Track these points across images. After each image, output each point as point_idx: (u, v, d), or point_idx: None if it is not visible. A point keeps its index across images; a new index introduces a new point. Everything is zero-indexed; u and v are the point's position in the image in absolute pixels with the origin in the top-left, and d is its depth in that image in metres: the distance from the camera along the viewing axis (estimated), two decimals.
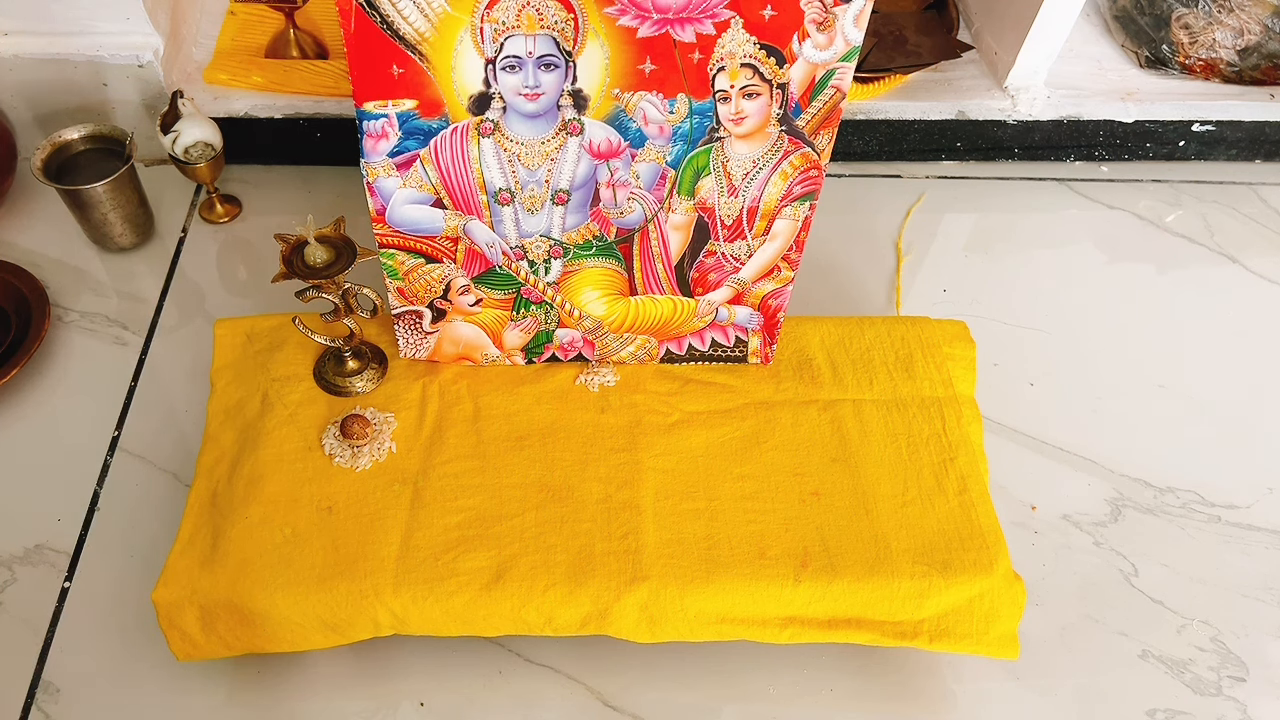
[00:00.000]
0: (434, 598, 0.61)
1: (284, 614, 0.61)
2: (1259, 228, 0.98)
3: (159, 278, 0.87)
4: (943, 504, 0.66)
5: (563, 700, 0.66)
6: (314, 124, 0.92)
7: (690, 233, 0.65)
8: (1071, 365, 0.86)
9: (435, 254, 0.66)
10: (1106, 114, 0.98)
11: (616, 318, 0.70)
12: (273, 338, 0.73)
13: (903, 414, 0.71)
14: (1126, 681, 0.69)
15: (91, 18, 0.86)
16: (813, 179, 0.63)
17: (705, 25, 0.55)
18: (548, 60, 0.56)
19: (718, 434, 0.70)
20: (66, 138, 0.83)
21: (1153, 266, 0.94)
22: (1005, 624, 0.64)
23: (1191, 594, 0.73)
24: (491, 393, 0.71)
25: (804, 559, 0.64)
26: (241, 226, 0.91)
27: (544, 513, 0.65)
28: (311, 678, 0.66)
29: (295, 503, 0.65)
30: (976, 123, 0.97)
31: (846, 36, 0.55)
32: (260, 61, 0.93)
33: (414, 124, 0.58)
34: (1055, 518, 0.76)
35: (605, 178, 0.62)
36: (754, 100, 0.58)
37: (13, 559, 0.70)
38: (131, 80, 0.89)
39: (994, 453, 0.73)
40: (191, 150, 0.84)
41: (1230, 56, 0.98)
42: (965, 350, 0.75)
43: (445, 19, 0.54)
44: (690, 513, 0.66)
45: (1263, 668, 0.70)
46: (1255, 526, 0.77)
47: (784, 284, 0.69)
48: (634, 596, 0.62)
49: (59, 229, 0.88)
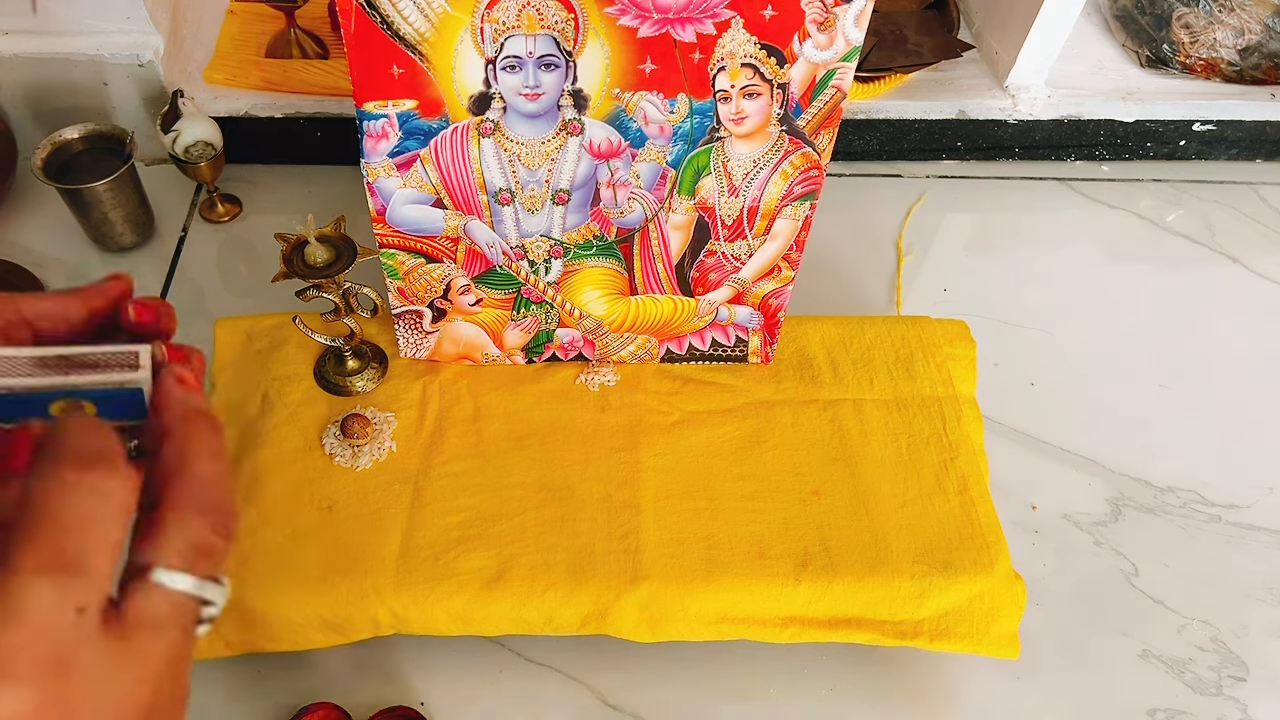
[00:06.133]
0: (434, 597, 0.61)
1: (284, 613, 0.61)
2: (1260, 227, 0.98)
3: (159, 277, 0.87)
4: (943, 503, 0.66)
5: (563, 700, 0.66)
6: (314, 123, 0.92)
7: (690, 232, 0.65)
8: (1071, 365, 0.86)
9: (435, 254, 0.66)
10: (1107, 113, 0.98)
11: (617, 317, 0.70)
12: (273, 337, 0.73)
13: (903, 414, 0.71)
14: (1126, 681, 0.69)
15: (91, 17, 0.85)
16: (813, 179, 0.63)
17: (706, 25, 0.55)
18: (548, 60, 0.56)
19: (718, 433, 0.70)
20: (66, 137, 0.83)
21: (1153, 266, 0.94)
22: (1006, 623, 0.64)
23: (1192, 594, 0.73)
24: (492, 392, 0.71)
25: (804, 558, 0.64)
26: (242, 226, 0.91)
27: (544, 512, 0.65)
28: (311, 677, 0.66)
29: (295, 502, 0.65)
30: (977, 122, 0.97)
31: (847, 36, 0.55)
32: (260, 61, 0.93)
33: (414, 124, 0.58)
34: (1055, 517, 0.76)
35: (605, 177, 0.62)
36: (754, 100, 0.58)
37: None
38: (132, 80, 0.89)
39: (994, 452, 0.73)
40: (192, 150, 0.84)
41: (1231, 56, 0.98)
42: (966, 350, 0.75)
43: (445, 19, 0.54)
44: (690, 512, 0.66)
45: (1263, 668, 0.69)
46: (1256, 526, 0.77)
47: (784, 284, 0.69)
48: (634, 596, 0.62)
49: (59, 228, 0.88)
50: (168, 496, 0.28)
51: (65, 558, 0.25)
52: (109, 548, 0.26)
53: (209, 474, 0.29)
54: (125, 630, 0.26)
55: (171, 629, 0.27)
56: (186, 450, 0.29)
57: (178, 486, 0.28)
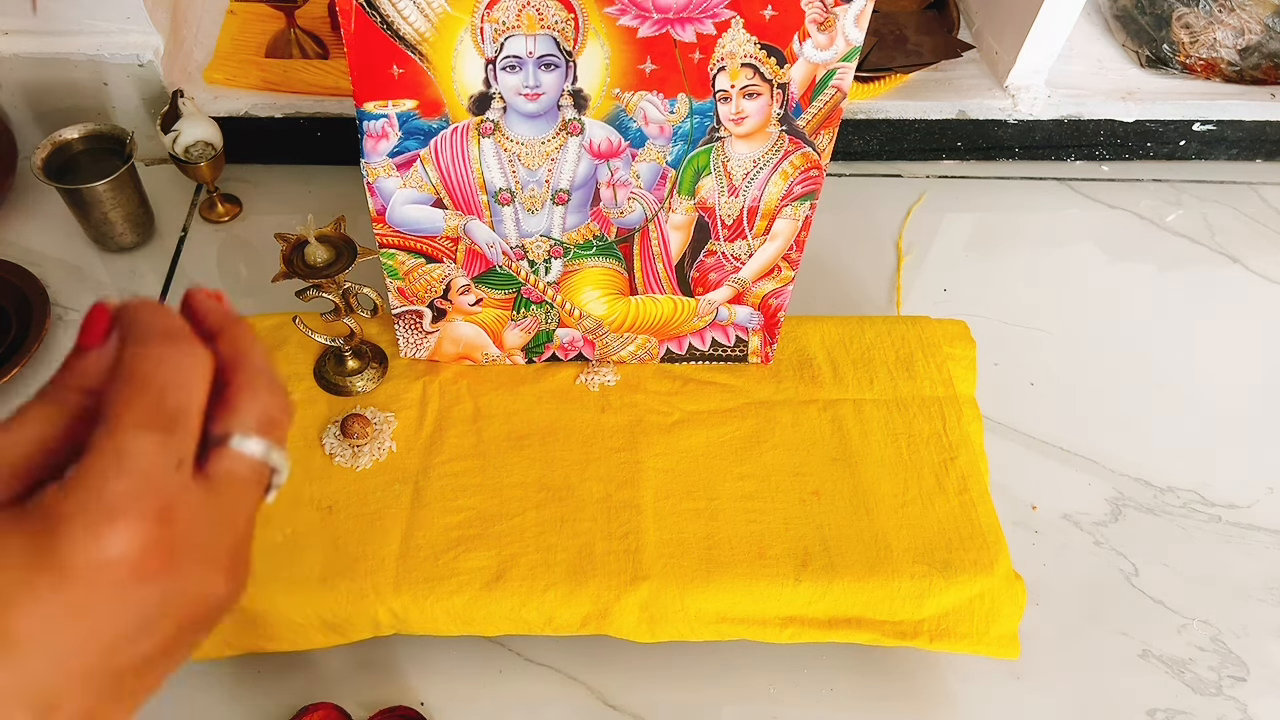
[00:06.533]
0: (434, 597, 0.61)
1: (284, 613, 0.61)
2: (1260, 227, 0.98)
3: (159, 277, 0.87)
4: (943, 503, 0.66)
5: (563, 700, 0.66)
6: (314, 123, 0.92)
7: (690, 232, 0.65)
8: (1071, 365, 0.86)
9: (435, 254, 0.66)
10: (1107, 113, 0.98)
11: (617, 317, 0.70)
12: (273, 337, 0.73)
13: (903, 413, 0.71)
14: (1126, 681, 0.69)
15: (91, 17, 0.86)
16: (813, 179, 0.63)
17: (706, 25, 0.55)
18: (548, 60, 0.56)
19: (718, 433, 0.70)
20: (66, 137, 0.83)
21: (1153, 266, 0.94)
22: (1006, 624, 0.64)
23: (1191, 594, 0.73)
24: (492, 392, 0.71)
25: (804, 558, 0.64)
26: (242, 226, 0.91)
27: (544, 512, 0.65)
28: (311, 677, 0.66)
29: (296, 502, 0.65)
30: (977, 122, 0.97)
31: (847, 36, 0.55)
32: (260, 61, 0.93)
33: (414, 124, 0.58)
34: (1055, 517, 0.76)
35: (605, 177, 0.62)
36: (754, 100, 0.58)
37: None
38: (131, 79, 0.89)
39: (994, 452, 0.73)
40: (192, 149, 0.84)
41: (1231, 56, 0.98)
42: (966, 350, 0.75)
43: (445, 19, 0.54)
44: (690, 512, 0.66)
45: (1263, 668, 0.70)
46: (1255, 526, 0.77)
47: (784, 283, 0.69)
48: (634, 596, 0.62)
49: (59, 228, 0.88)
50: (234, 379, 0.31)
51: (164, 415, 0.28)
52: (197, 411, 0.29)
53: (263, 361, 0.32)
54: (213, 486, 0.29)
55: (249, 487, 0.30)
56: (239, 341, 0.32)
57: (242, 370, 0.31)
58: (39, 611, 0.25)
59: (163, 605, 0.28)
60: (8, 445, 0.28)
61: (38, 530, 0.26)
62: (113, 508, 0.26)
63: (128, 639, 0.27)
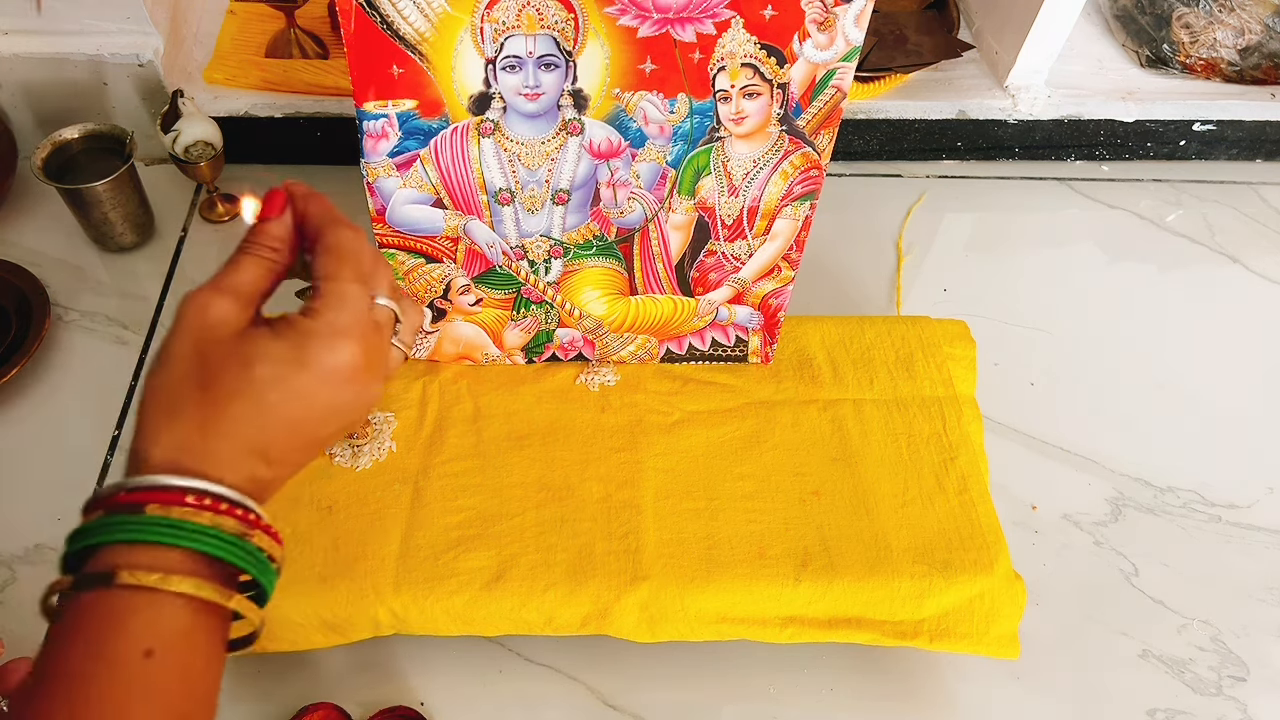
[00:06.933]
0: (434, 597, 0.61)
1: (284, 613, 0.61)
2: (1260, 227, 0.98)
3: (160, 277, 0.87)
4: (943, 503, 0.66)
5: (562, 700, 0.66)
6: (314, 123, 0.92)
7: (690, 232, 0.65)
8: (1071, 365, 0.86)
9: (435, 254, 0.66)
10: (1107, 113, 0.98)
11: (617, 317, 0.70)
12: None
13: (903, 413, 0.71)
14: (1126, 681, 0.69)
15: (91, 17, 0.85)
16: (813, 179, 0.63)
17: (706, 25, 0.55)
18: (548, 60, 0.56)
19: (718, 433, 0.70)
20: (66, 137, 0.83)
21: (1153, 266, 0.94)
22: (1006, 624, 0.64)
23: (1191, 594, 0.73)
24: (492, 392, 0.71)
25: (804, 558, 0.64)
26: (242, 226, 0.91)
27: (544, 512, 0.65)
28: (311, 677, 0.66)
29: (295, 502, 0.65)
30: (977, 122, 0.97)
31: (847, 36, 0.55)
32: (260, 61, 0.93)
33: (414, 124, 0.58)
34: (1055, 517, 0.76)
35: (605, 177, 0.62)
36: (754, 100, 0.58)
37: (13, 558, 0.70)
38: (131, 79, 0.89)
39: (994, 452, 0.73)
40: (192, 149, 0.84)
41: (1231, 56, 0.98)
42: (966, 350, 0.75)
43: (445, 19, 0.54)
44: (690, 512, 0.66)
45: (1263, 668, 0.70)
46: (1255, 526, 0.77)
47: (784, 283, 0.69)
48: (634, 596, 0.62)
49: (59, 228, 0.88)
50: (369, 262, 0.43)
51: (363, 273, 0.41)
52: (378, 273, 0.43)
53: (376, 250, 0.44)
54: (378, 325, 0.42)
55: (388, 329, 0.43)
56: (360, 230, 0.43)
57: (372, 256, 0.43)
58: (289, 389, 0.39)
59: (354, 399, 0.41)
60: (242, 282, 0.42)
61: (293, 342, 0.39)
62: (340, 330, 0.40)
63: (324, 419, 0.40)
